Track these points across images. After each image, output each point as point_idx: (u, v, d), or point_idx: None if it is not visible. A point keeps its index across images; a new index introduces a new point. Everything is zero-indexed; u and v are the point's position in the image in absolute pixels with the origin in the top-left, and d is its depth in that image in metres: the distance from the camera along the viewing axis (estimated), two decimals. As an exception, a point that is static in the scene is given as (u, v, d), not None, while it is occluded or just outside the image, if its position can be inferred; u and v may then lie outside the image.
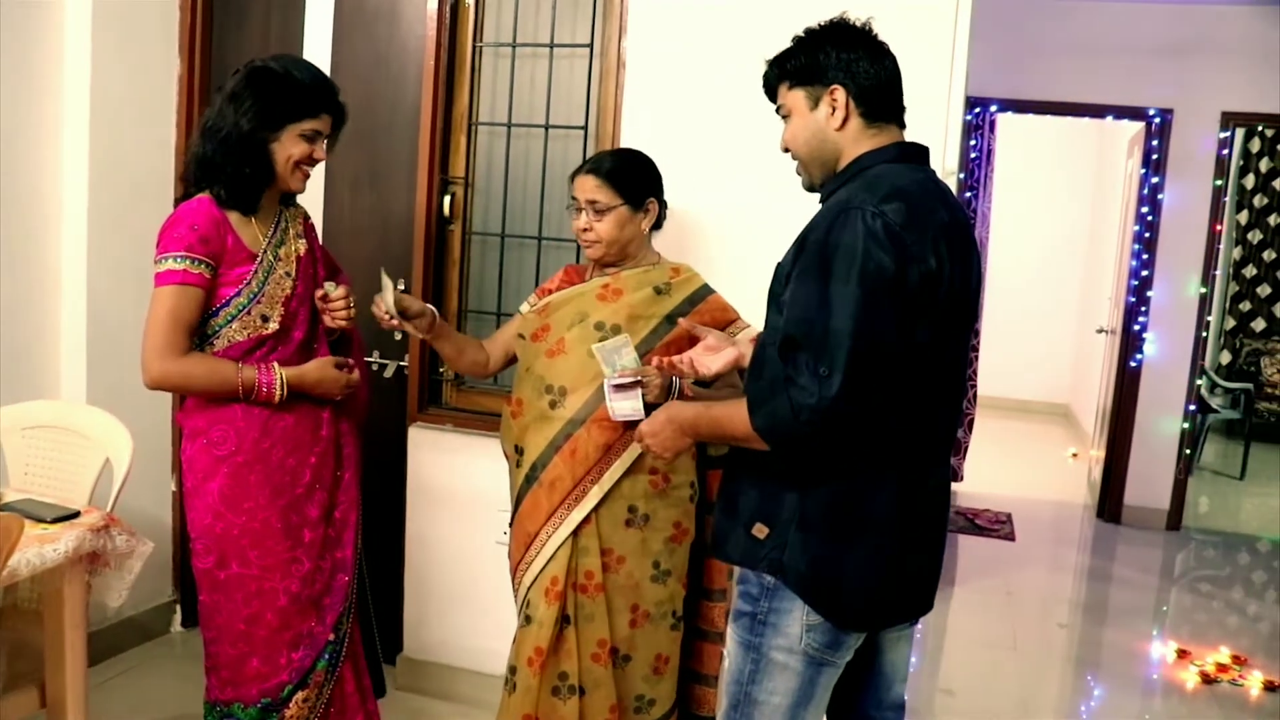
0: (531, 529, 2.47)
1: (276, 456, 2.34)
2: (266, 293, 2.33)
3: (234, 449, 2.30)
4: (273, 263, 2.35)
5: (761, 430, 1.75)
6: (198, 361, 2.26)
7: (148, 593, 3.55)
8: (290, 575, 2.34)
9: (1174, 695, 3.91)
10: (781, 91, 1.95)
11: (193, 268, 2.22)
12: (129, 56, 3.30)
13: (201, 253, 2.23)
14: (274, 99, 2.24)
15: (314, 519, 2.40)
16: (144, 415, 3.39)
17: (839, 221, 1.72)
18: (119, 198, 3.33)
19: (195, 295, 2.23)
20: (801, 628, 1.84)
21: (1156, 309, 5.95)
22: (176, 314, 2.21)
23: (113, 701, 3.15)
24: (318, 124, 2.30)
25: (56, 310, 3.28)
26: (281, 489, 2.35)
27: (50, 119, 3.20)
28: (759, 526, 1.86)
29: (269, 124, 2.25)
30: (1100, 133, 8.67)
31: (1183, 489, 6.10)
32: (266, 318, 2.33)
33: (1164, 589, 5.28)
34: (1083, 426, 8.36)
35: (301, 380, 2.35)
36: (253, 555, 2.32)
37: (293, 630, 2.35)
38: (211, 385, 2.26)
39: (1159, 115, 5.79)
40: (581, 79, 3.12)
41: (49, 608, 2.39)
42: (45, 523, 2.30)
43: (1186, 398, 5.96)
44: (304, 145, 2.29)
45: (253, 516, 2.31)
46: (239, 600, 2.32)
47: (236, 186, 2.27)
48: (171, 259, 2.21)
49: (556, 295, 2.55)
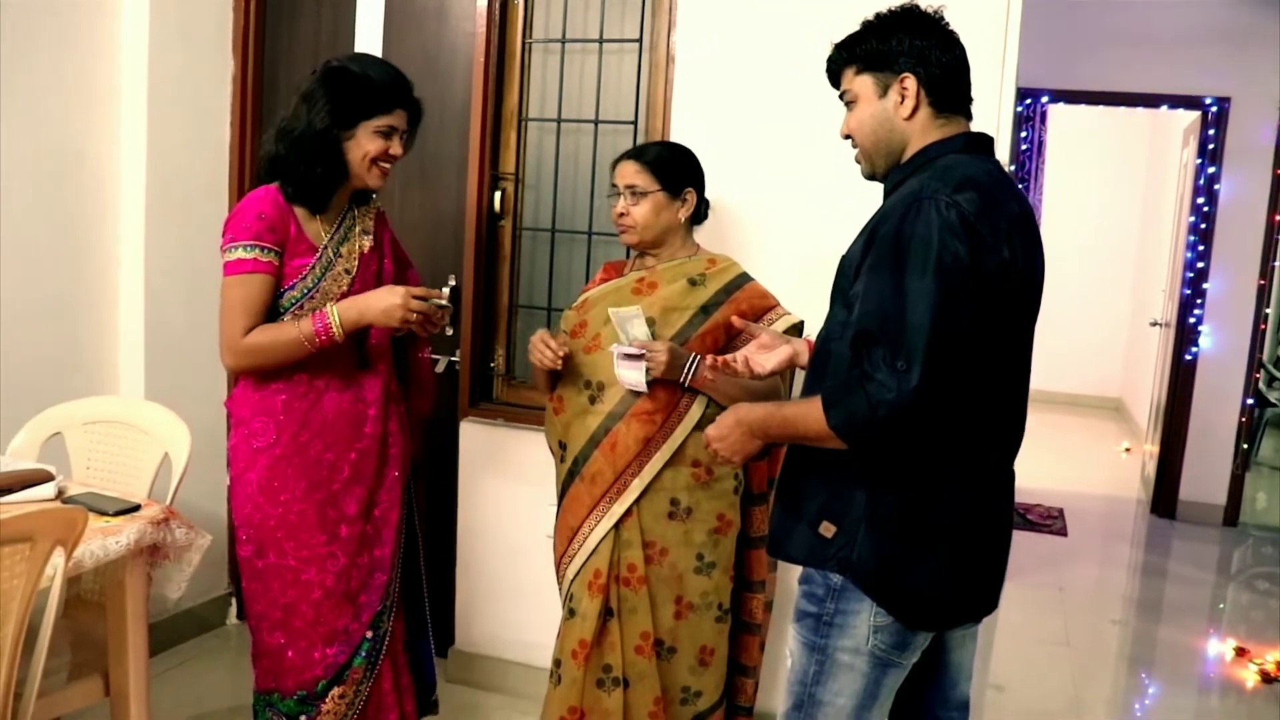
0: (574, 523, 2.50)
1: (315, 450, 2.36)
2: (322, 289, 2.34)
3: (272, 440, 2.34)
4: (332, 259, 2.37)
5: (838, 428, 1.71)
6: (260, 333, 2.27)
7: (204, 585, 3.61)
8: (325, 569, 2.36)
9: (1232, 694, 3.85)
10: (847, 76, 1.90)
11: (262, 255, 2.26)
12: (184, 56, 3.35)
13: (270, 241, 2.26)
14: (348, 96, 2.26)
15: (351, 515, 2.41)
16: (201, 410, 3.44)
17: (912, 212, 1.68)
18: (175, 196, 3.38)
19: (266, 282, 2.27)
20: (869, 629, 1.81)
21: (1212, 301, 5.85)
22: (248, 302, 2.25)
23: (171, 692, 3.21)
24: (393, 120, 2.31)
25: (115, 308, 3.34)
26: (318, 483, 2.37)
27: (108, 119, 3.26)
28: (826, 525, 1.83)
29: (343, 121, 2.27)
30: (1153, 122, 8.53)
31: (1240, 484, 5.99)
32: None
33: (1220, 586, 5.19)
34: (1136, 420, 8.25)
35: (362, 311, 2.30)
36: (288, 546, 2.35)
37: (328, 625, 2.38)
38: (280, 349, 2.28)
39: (1216, 104, 5.69)
40: (631, 74, 3.12)
41: (111, 599, 2.43)
42: (108, 516, 2.34)
43: (1244, 391, 5.86)
44: (380, 142, 2.31)
45: (288, 508, 2.34)
46: (276, 590, 2.36)
47: (306, 184, 2.29)
48: (241, 248, 2.25)
49: (594, 291, 2.57)
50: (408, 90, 2.35)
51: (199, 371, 3.51)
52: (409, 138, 2.42)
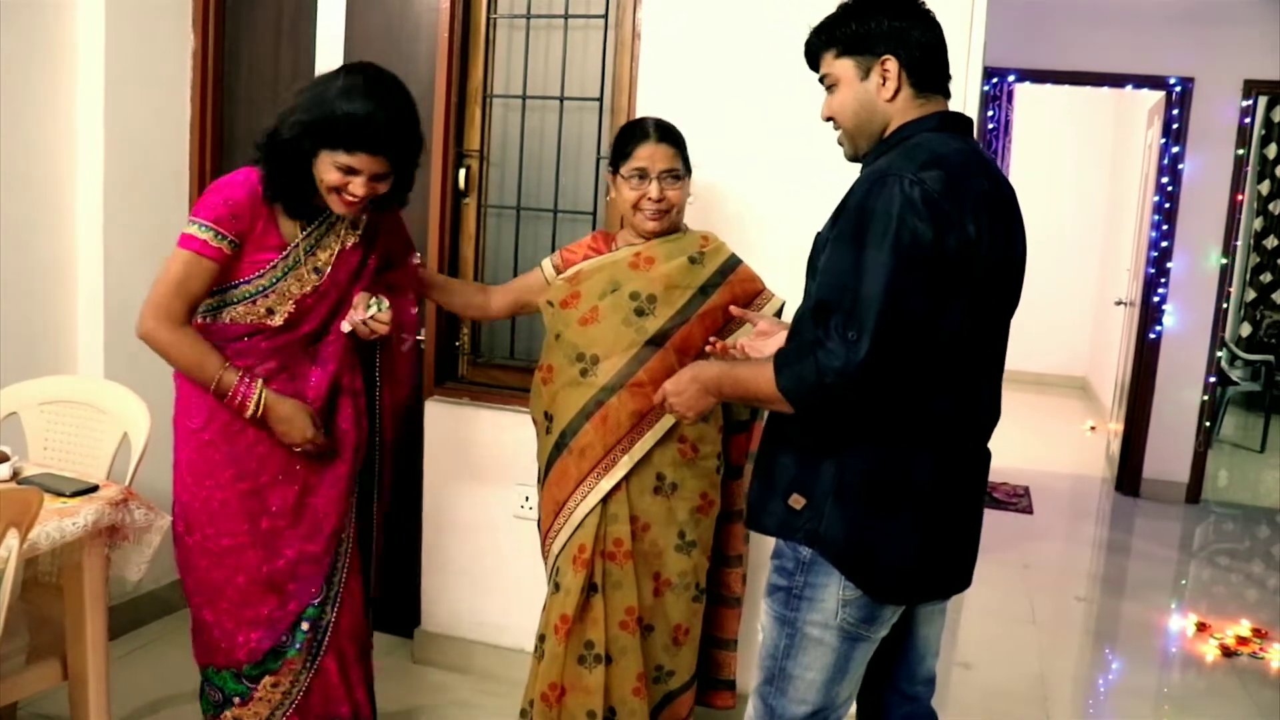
0: (560, 497, 2.49)
1: (245, 441, 2.33)
2: (279, 289, 2.28)
3: (203, 424, 2.32)
4: (300, 258, 2.29)
5: (786, 391, 1.73)
6: (188, 341, 2.22)
7: (166, 567, 3.51)
8: (244, 557, 2.34)
9: (1193, 668, 3.90)
10: (827, 60, 1.90)
11: (213, 240, 2.18)
12: (142, 31, 3.29)
13: (228, 229, 2.19)
14: (314, 117, 2.12)
15: (274, 510, 2.36)
16: (162, 390, 3.37)
17: (876, 188, 1.69)
18: (134, 172, 3.32)
19: (208, 268, 2.20)
20: (838, 602, 1.83)
21: (1176, 281, 5.90)
22: (185, 281, 2.19)
23: (133, 674, 3.17)
24: (352, 161, 2.13)
25: (73, 286, 3.29)
26: (246, 474, 2.33)
27: (64, 94, 3.19)
28: (795, 497, 1.85)
29: (306, 141, 2.14)
30: (1119, 102, 8.59)
31: (1202, 462, 6.07)
32: (273, 311, 2.29)
33: (1183, 562, 5.26)
34: (1101, 399, 8.33)
35: (273, 411, 2.28)
36: (210, 531, 2.34)
37: (252, 610, 2.36)
38: (189, 369, 2.25)
39: (1180, 84, 5.72)
40: (596, 50, 3.09)
41: (69, 581, 2.40)
42: (64, 496, 2.31)
43: (1206, 370, 5.92)
44: (337, 175, 2.16)
45: (212, 494, 2.33)
46: (202, 569, 2.36)
47: (274, 189, 2.21)
48: (198, 226, 2.18)
49: (587, 264, 2.54)
50: (379, 137, 2.14)
51: (159, 351, 3.47)
52: (399, 179, 2.27)
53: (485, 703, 3.12)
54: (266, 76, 3.48)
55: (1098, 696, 3.67)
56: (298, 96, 2.17)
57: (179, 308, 2.20)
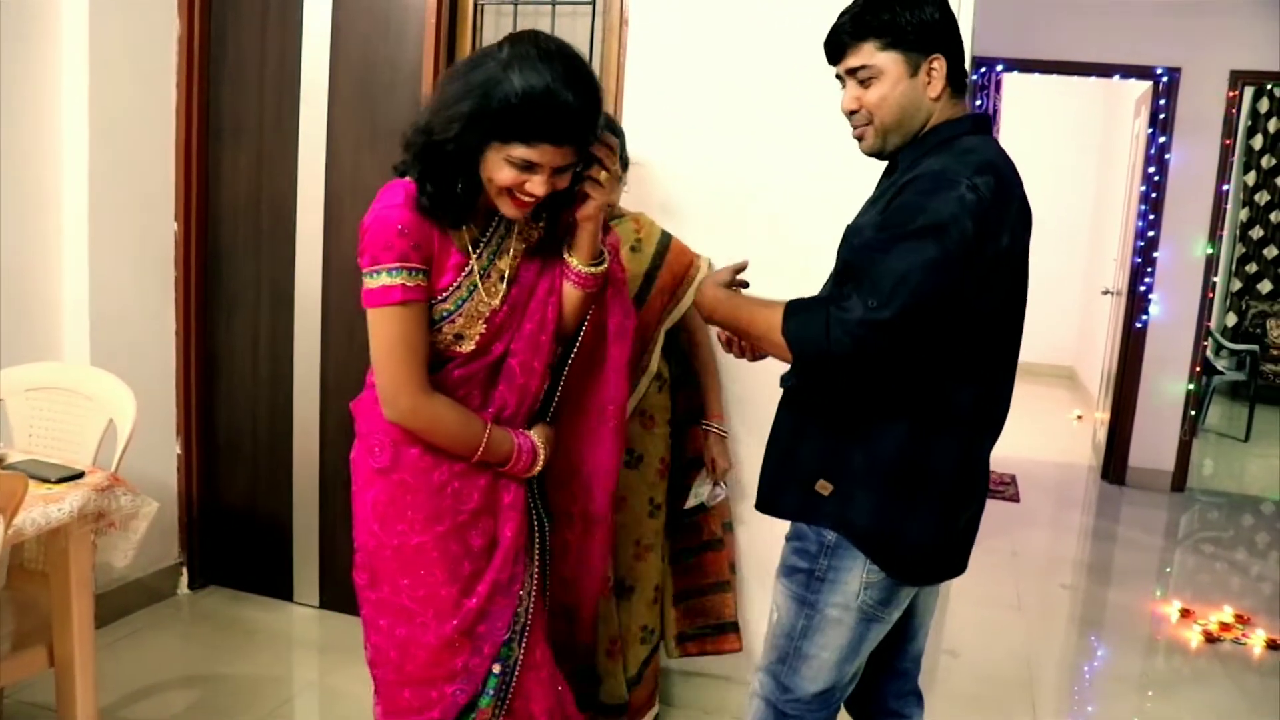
0: None
1: (439, 477, 1.95)
2: (467, 309, 1.89)
3: (390, 463, 1.95)
4: (485, 269, 1.92)
5: (789, 336, 1.72)
6: (449, 407, 1.89)
7: (155, 555, 3.56)
8: (442, 612, 1.96)
9: (1177, 654, 3.92)
10: (865, 50, 1.82)
11: (409, 279, 1.80)
12: (128, 17, 3.27)
13: (417, 259, 1.81)
14: (482, 105, 1.73)
15: (477, 549, 1.98)
16: (148, 377, 3.40)
17: (934, 188, 1.69)
18: (119, 158, 3.31)
19: (419, 312, 1.84)
20: (860, 585, 1.86)
21: (1162, 270, 5.92)
22: (409, 340, 1.84)
23: (121, 662, 3.17)
24: (531, 154, 1.74)
25: (59, 272, 3.27)
26: (442, 513, 1.95)
27: (49, 80, 3.17)
28: (822, 483, 1.87)
29: (472, 136, 1.76)
30: (1107, 92, 8.61)
31: (1187, 451, 6.10)
32: (461, 336, 1.90)
33: (1168, 550, 5.28)
34: (1087, 389, 8.36)
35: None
36: (403, 583, 1.96)
37: (444, 666, 1.99)
38: (456, 438, 1.91)
39: (1166, 74, 5.74)
40: (584, 36, 3.08)
41: (55, 568, 2.39)
42: (50, 483, 2.30)
43: (1192, 360, 5.95)
44: (510, 173, 1.77)
45: (405, 540, 1.95)
46: (386, 627, 2.00)
47: (436, 198, 1.82)
48: (385, 273, 1.80)
49: None
50: (565, 123, 1.74)
51: (145, 336, 3.47)
52: (593, 165, 1.88)
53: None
54: (253, 62, 3.47)
55: (1083, 682, 3.69)
56: (452, 83, 1.79)
57: (420, 370, 1.86)
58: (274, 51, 3.44)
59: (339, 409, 3.50)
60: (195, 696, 3.07)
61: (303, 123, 3.42)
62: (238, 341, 3.62)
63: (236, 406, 3.66)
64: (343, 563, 3.58)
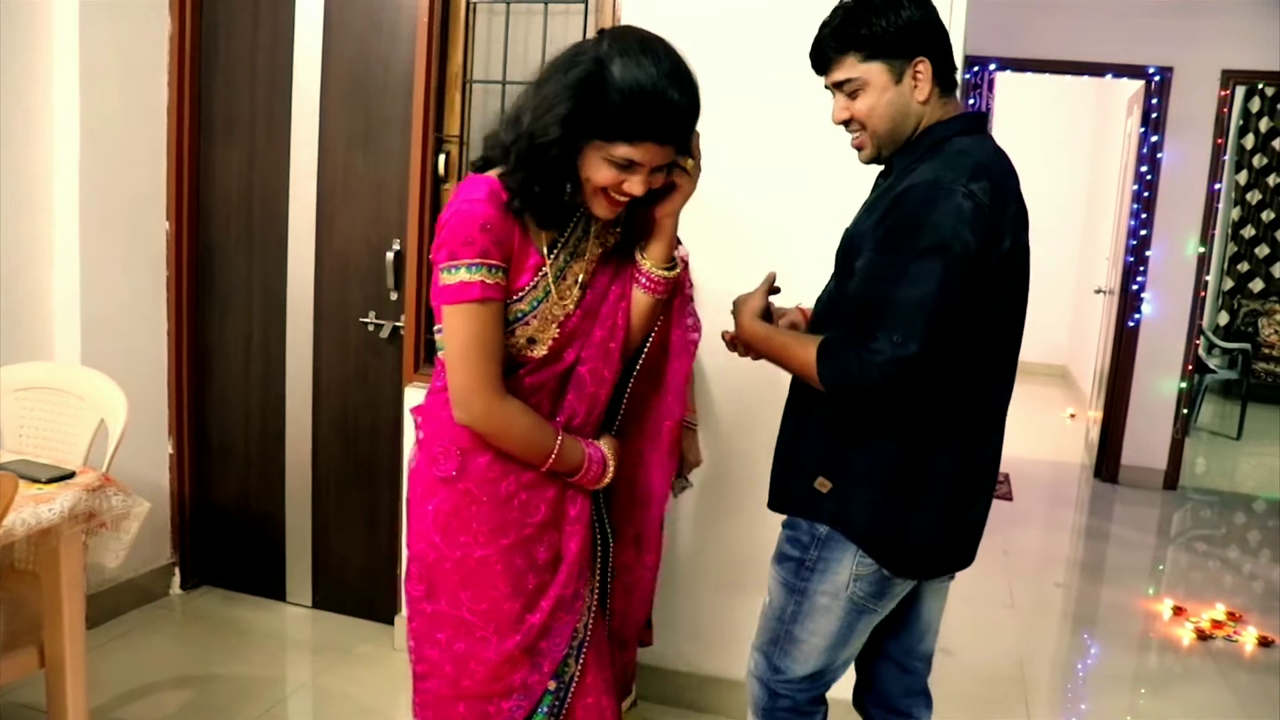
0: None
1: (506, 488, 1.86)
2: (541, 312, 1.81)
3: (456, 472, 1.85)
4: (562, 270, 1.84)
5: (826, 381, 1.79)
6: (523, 412, 1.81)
7: (147, 555, 3.55)
8: (504, 627, 1.88)
9: (1169, 652, 3.93)
10: (848, 64, 1.84)
11: (489, 276, 1.72)
12: (118, 15, 3.26)
13: (497, 256, 1.73)
14: (584, 104, 1.67)
15: (542, 562, 1.89)
16: (139, 376, 3.39)
17: (930, 199, 1.71)
18: (111, 156, 3.30)
19: (496, 311, 1.76)
20: (850, 576, 1.91)
21: (1155, 269, 5.93)
22: (484, 339, 1.76)
23: (112, 663, 3.16)
24: (634, 152, 1.68)
25: (49, 272, 3.26)
26: (508, 525, 1.86)
27: (40, 78, 3.16)
28: (821, 480, 1.91)
29: (576, 135, 1.69)
30: (1099, 91, 8.61)
31: (1180, 449, 6.11)
32: (534, 340, 1.83)
33: (1160, 548, 5.29)
34: (1080, 387, 8.37)
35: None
36: (463, 596, 1.88)
37: (503, 682, 1.91)
38: (527, 444, 1.82)
39: (1158, 73, 5.74)
40: (576, 36, 3.07)
41: (46, 568, 2.38)
42: (40, 483, 2.29)
43: (1184, 358, 5.96)
44: (609, 172, 1.70)
45: (468, 553, 1.87)
46: (444, 641, 1.91)
47: (533, 197, 1.74)
48: (464, 269, 1.72)
49: None
50: (670, 121, 1.69)
51: (136, 336, 3.46)
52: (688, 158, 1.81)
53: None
54: (245, 60, 3.46)
55: (1076, 680, 3.70)
56: (549, 83, 1.72)
57: (496, 371, 1.77)
58: (265, 50, 3.43)
59: (331, 407, 3.50)
60: (188, 697, 3.06)
61: (295, 121, 3.41)
62: (230, 340, 3.61)
63: (229, 405, 3.65)
64: (335, 562, 3.58)
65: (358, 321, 3.41)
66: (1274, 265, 8.60)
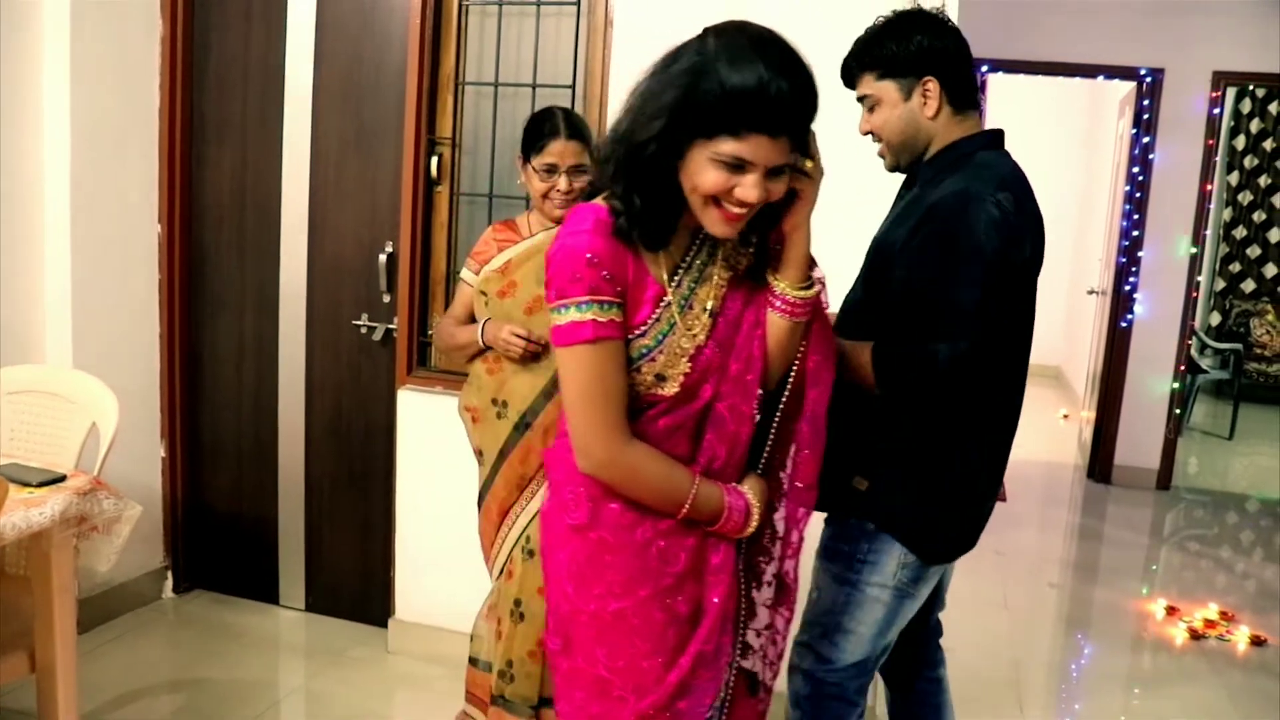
0: (526, 472, 2.59)
1: (643, 535, 1.69)
2: (668, 346, 1.64)
3: (588, 520, 1.70)
4: (686, 298, 1.67)
5: (883, 381, 1.91)
6: (652, 457, 1.64)
7: (139, 559, 3.54)
8: (643, 686, 1.71)
9: (1162, 651, 3.93)
10: (866, 81, 2.02)
11: (602, 313, 1.58)
12: (110, 17, 3.25)
13: (609, 291, 1.59)
14: (687, 97, 1.52)
15: (683, 616, 1.72)
16: (130, 380, 3.38)
17: (963, 208, 1.86)
18: (102, 159, 3.29)
19: (615, 350, 1.61)
20: (897, 565, 2.03)
21: (1147, 270, 5.94)
22: (604, 381, 1.61)
23: (104, 668, 3.15)
24: (742, 148, 1.49)
25: (40, 274, 3.25)
26: (645, 576, 1.70)
27: (30, 80, 3.15)
28: (859, 479, 2.03)
29: (676, 131, 1.53)
30: (1091, 93, 8.63)
31: (1172, 449, 6.12)
32: (663, 377, 1.65)
33: (1154, 548, 5.30)
34: (1074, 388, 8.39)
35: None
36: (599, 653, 1.73)
37: None
38: (657, 492, 1.66)
39: (1150, 75, 5.76)
40: (569, 38, 3.08)
41: (36, 572, 2.37)
42: (31, 487, 2.29)
43: (1176, 358, 5.97)
44: (717, 175, 1.52)
45: (603, 606, 1.71)
46: (580, 699, 1.77)
47: (640, 214, 1.58)
48: (574, 308, 1.58)
49: (514, 252, 2.63)
50: (786, 110, 1.50)
51: (128, 339, 3.45)
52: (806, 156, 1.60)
53: (459, 690, 3.10)
54: (237, 63, 3.45)
55: (1069, 680, 3.70)
56: (649, 81, 1.61)
57: (618, 415, 1.62)
58: (258, 52, 3.42)
59: (324, 410, 3.49)
60: (181, 701, 3.06)
61: (287, 123, 3.40)
62: (222, 343, 3.61)
63: (221, 409, 3.64)
64: (328, 565, 3.57)
65: (350, 324, 3.41)
66: (1265, 266, 8.62)
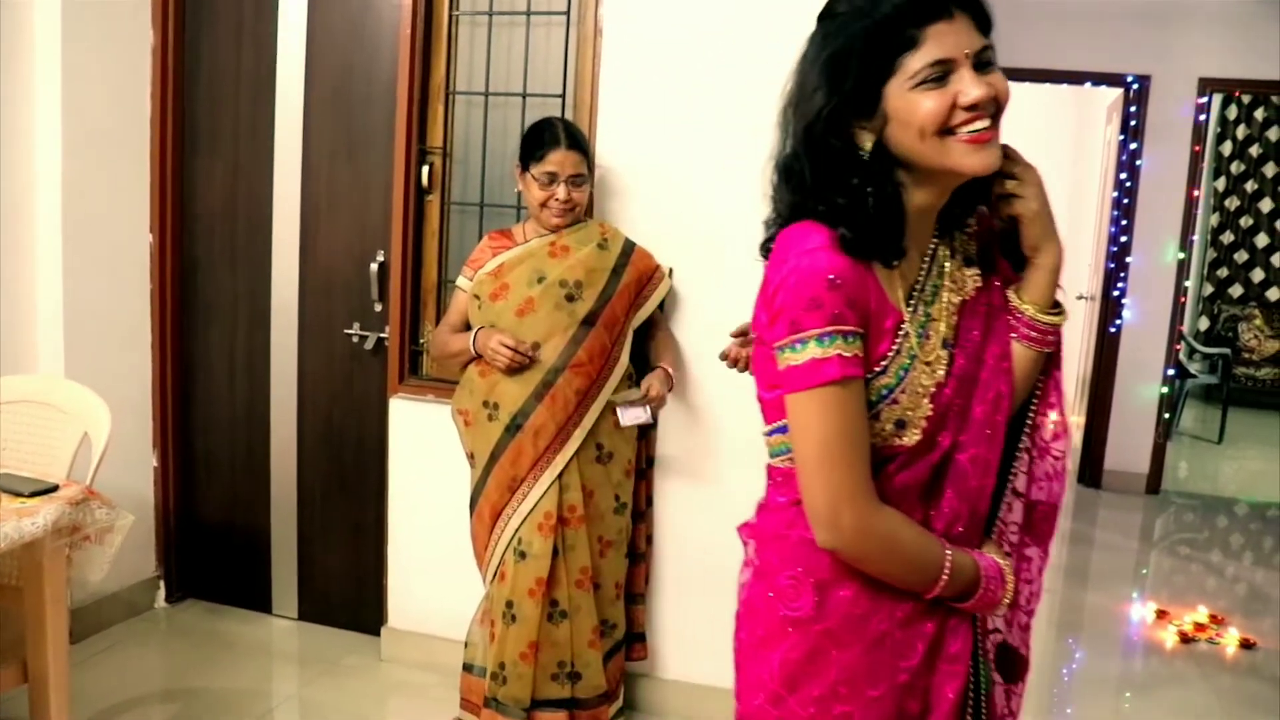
0: (518, 474, 2.66)
1: (878, 626, 1.38)
2: (909, 383, 1.34)
3: (814, 612, 1.39)
4: (923, 326, 1.37)
5: None
6: (905, 524, 1.34)
7: (131, 569, 3.54)
8: None
9: (1153, 655, 3.95)
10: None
11: (847, 348, 1.27)
12: (101, 27, 3.26)
13: (852, 320, 1.28)
14: (865, 25, 1.28)
15: (913, 714, 1.41)
16: (124, 389, 3.38)
17: None
18: (93, 169, 3.30)
19: (860, 392, 1.31)
20: None
21: (1135, 275, 5.97)
22: (851, 432, 1.30)
23: (97, 678, 3.14)
24: (929, 50, 1.27)
25: (32, 285, 3.25)
26: (878, 674, 1.39)
27: (21, 91, 3.16)
28: None
29: (866, 61, 1.28)
30: (1079, 100, 8.65)
31: (1162, 453, 6.14)
32: (904, 424, 1.35)
33: (1144, 552, 5.32)
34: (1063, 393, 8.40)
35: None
36: None
37: None
38: (913, 566, 1.34)
39: (1137, 81, 5.79)
40: (559, 47, 3.09)
41: (29, 582, 2.37)
42: (23, 496, 2.28)
43: (1165, 363, 5.99)
44: (928, 95, 1.27)
45: (825, 709, 1.40)
46: None
47: (866, 222, 1.30)
48: (814, 341, 1.27)
49: (507, 256, 2.71)
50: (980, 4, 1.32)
51: (120, 348, 3.45)
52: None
53: (453, 697, 3.11)
54: (228, 72, 3.46)
55: (1060, 684, 3.72)
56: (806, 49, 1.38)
57: (867, 475, 1.32)
58: (249, 62, 3.43)
59: (316, 419, 3.50)
60: (174, 711, 3.05)
61: (278, 133, 3.41)
62: (214, 353, 3.61)
63: (214, 418, 3.65)
64: (321, 574, 3.57)
65: (342, 333, 3.42)
66: (1253, 271, 8.67)
